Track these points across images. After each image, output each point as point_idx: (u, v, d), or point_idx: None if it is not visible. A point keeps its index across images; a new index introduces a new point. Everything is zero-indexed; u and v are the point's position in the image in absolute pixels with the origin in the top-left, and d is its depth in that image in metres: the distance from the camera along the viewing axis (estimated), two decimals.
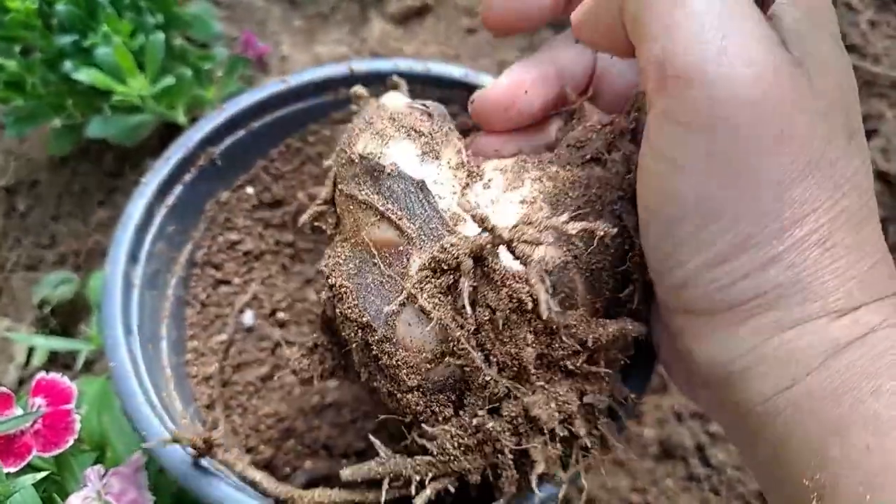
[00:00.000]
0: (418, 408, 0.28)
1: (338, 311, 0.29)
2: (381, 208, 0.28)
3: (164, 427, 0.35)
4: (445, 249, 0.26)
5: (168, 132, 0.64)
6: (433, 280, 0.27)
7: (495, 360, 0.27)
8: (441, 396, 0.28)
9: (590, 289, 0.28)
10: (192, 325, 0.43)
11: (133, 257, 0.39)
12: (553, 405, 0.27)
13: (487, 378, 0.27)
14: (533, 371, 0.27)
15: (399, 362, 0.27)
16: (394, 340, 0.27)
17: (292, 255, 0.46)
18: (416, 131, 0.29)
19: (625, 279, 0.30)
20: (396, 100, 0.32)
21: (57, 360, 0.60)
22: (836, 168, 0.25)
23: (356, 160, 0.29)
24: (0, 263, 0.63)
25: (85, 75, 0.54)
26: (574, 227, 0.25)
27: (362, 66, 0.44)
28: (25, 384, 0.60)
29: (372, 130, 0.29)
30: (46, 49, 0.57)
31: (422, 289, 0.27)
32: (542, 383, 0.28)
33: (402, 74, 0.43)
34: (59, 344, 0.52)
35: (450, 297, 0.27)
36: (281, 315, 0.45)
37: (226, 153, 0.43)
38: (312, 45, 0.72)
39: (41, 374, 0.41)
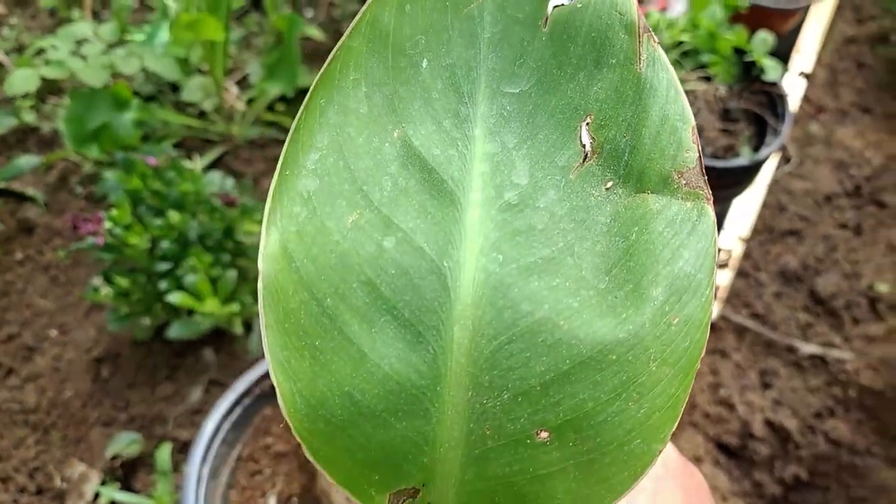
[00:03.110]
0: None
1: None
2: None
3: None
4: None
5: (221, 329, 0.85)
6: None
7: None
8: None
9: None
10: (234, 503, 0.62)
11: (204, 458, 0.58)
12: None
13: None
14: None
15: None
16: None
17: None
18: None
19: None
20: None
21: None
22: None
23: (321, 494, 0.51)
24: (84, 419, 0.83)
25: (175, 297, 0.75)
26: None
27: None
28: None
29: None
30: (148, 271, 0.78)
31: None
32: None
33: None
34: (133, 499, 0.71)
35: None
36: (294, 500, 0.64)
37: None
38: None
39: None
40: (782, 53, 1.14)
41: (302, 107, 0.21)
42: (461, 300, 0.20)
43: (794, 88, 1.17)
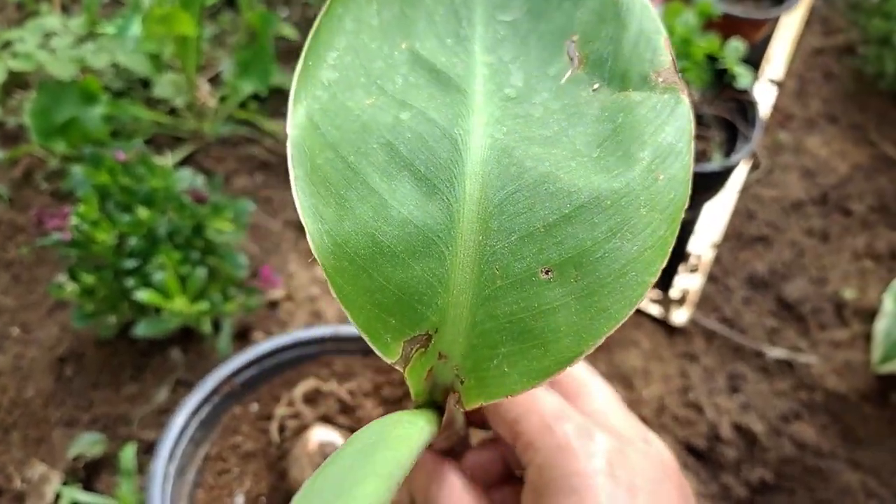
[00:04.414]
0: None
1: None
2: None
3: None
4: None
5: (189, 328, 0.83)
6: None
7: None
8: None
9: None
10: (200, 502, 0.61)
11: (171, 456, 0.57)
12: None
13: None
14: None
15: None
16: None
17: (279, 456, 0.64)
18: (318, 467, 0.50)
19: None
20: (316, 436, 0.53)
21: None
22: None
23: (292, 484, 0.51)
24: (46, 418, 0.81)
25: (143, 294, 0.73)
26: None
27: (345, 329, 0.64)
28: None
29: (299, 464, 0.52)
30: (115, 267, 0.77)
31: None
32: None
33: None
34: (95, 499, 0.69)
35: None
36: (262, 499, 0.63)
37: (243, 382, 0.62)
38: (313, 266, 0.92)
39: None
40: (752, 63, 1.16)
41: (321, 12, 0.24)
42: (471, 159, 0.23)
43: (764, 97, 1.18)
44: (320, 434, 0.55)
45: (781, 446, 0.85)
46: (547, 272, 0.22)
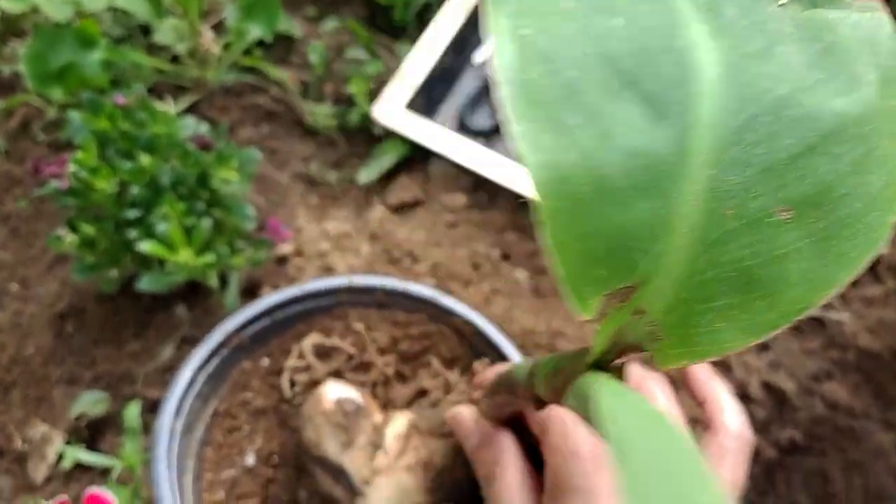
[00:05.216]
0: None
1: None
2: (322, 481, 0.48)
3: None
4: None
5: (195, 282, 0.80)
6: None
7: None
8: None
9: None
10: (209, 461, 0.58)
11: (178, 412, 0.54)
12: None
13: None
14: None
15: None
16: None
17: (292, 413, 0.61)
18: (338, 426, 0.47)
19: None
20: (331, 393, 0.49)
21: (80, 465, 0.73)
22: None
23: (307, 445, 0.49)
24: (47, 377, 0.78)
25: (146, 246, 0.70)
26: None
27: (359, 280, 0.60)
28: (52, 481, 0.73)
29: (314, 423, 0.49)
30: (116, 218, 0.73)
31: None
32: None
33: (385, 291, 0.59)
34: (99, 459, 0.66)
35: None
36: (275, 457, 0.60)
37: (252, 335, 0.59)
38: (323, 220, 0.88)
39: (92, 488, 0.55)
40: None
41: None
42: (701, 77, 0.20)
43: None
44: (336, 390, 0.51)
45: (812, 406, 0.81)
46: (785, 212, 0.19)
